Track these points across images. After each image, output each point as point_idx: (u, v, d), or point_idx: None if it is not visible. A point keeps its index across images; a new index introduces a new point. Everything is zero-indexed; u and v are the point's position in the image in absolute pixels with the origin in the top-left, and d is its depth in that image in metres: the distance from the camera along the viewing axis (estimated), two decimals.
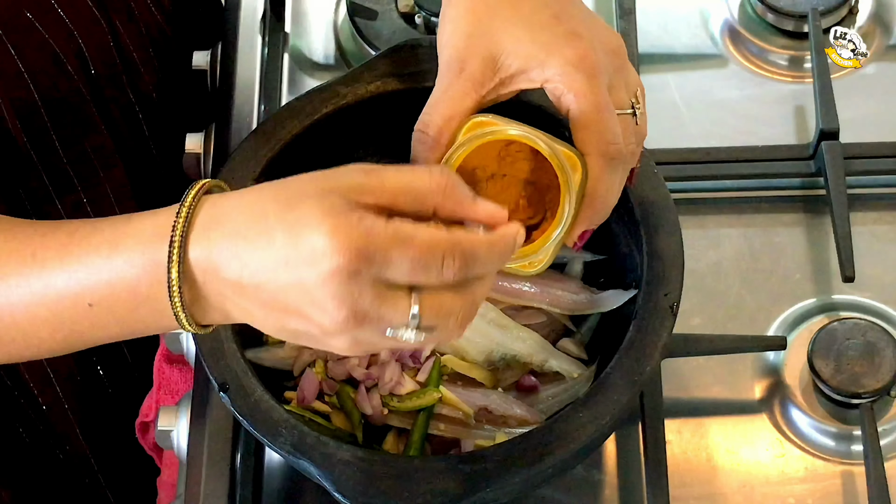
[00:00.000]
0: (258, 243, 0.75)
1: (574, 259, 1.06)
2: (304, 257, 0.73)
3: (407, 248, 0.74)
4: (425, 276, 0.74)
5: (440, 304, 0.75)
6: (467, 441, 0.99)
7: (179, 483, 1.07)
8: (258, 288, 0.76)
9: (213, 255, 0.76)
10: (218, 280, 0.77)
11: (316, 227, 0.73)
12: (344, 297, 0.74)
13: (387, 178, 0.76)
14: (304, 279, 0.74)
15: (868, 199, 1.15)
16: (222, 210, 0.77)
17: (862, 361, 1.04)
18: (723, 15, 1.27)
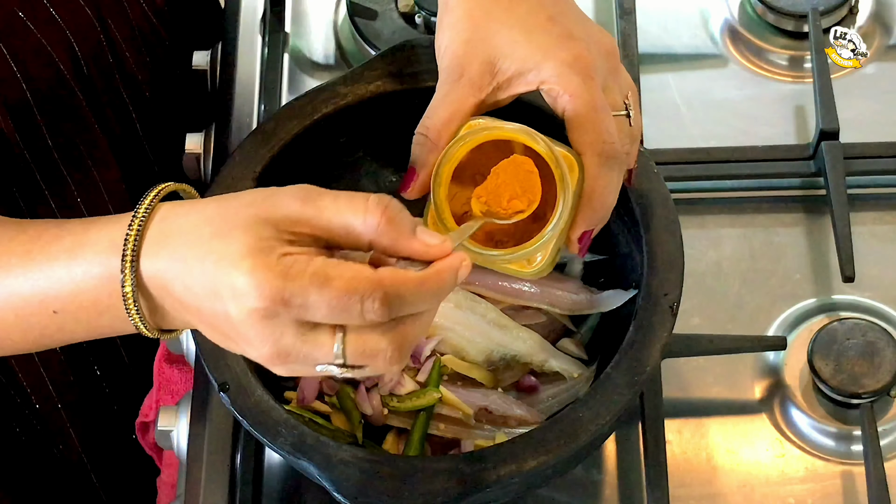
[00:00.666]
0: (195, 270, 0.75)
1: (574, 259, 1.06)
2: (227, 292, 0.74)
3: (325, 290, 0.72)
4: (346, 318, 0.73)
5: (364, 343, 0.74)
6: (467, 441, 0.99)
7: (179, 483, 1.07)
8: (198, 311, 0.76)
9: (161, 272, 0.77)
10: (168, 295, 0.77)
11: (237, 264, 0.73)
12: (265, 335, 0.74)
13: (323, 209, 0.75)
14: (230, 313, 0.74)
15: (868, 199, 1.15)
16: (171, 226, 0.78)
17: (862, 361, 1.04)
18: (723, 15, 1.27)
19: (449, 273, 0.76)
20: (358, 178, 1.08)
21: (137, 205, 0.78)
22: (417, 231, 0.76)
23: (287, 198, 0.75)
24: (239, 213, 0.75)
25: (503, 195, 0.88)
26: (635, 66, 1.19)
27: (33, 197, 1.09)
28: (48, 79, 1.06)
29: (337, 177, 1.07)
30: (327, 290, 0.72)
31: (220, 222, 0.75)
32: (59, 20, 1.05)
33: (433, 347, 1.01)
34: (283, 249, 0.74)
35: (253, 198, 0.77)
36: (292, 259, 0.73)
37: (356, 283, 0.73)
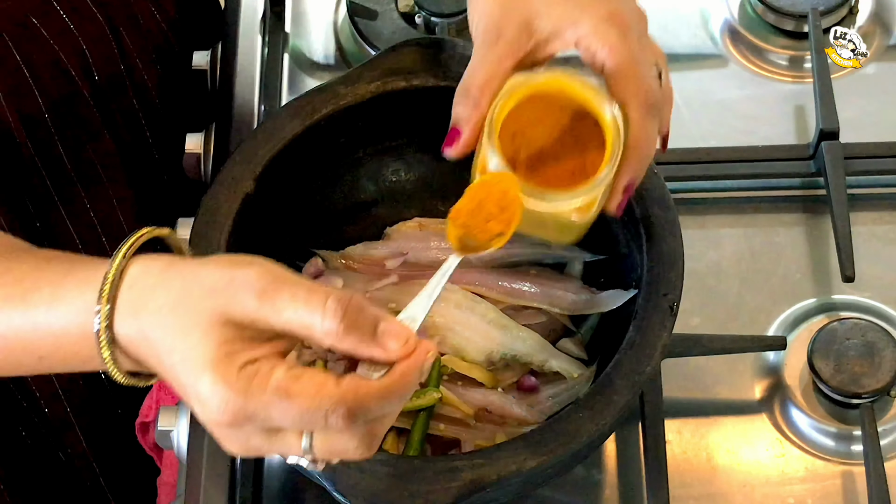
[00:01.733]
0: (162, 356, 0.75)
1: (574, 259, 1.06)
2: (191, 395, 0.74)
3: (288, 406, 0.72)
4: (311, 427, 0.73)
5: (331, 443, 0.74)
6: (467, 441, 0.99)
7: (179, 483, 1.07)
8: (172, 386, 0.76)
9: (134, 342, 0.77)
10: (144, 360, 0.77)
11: (199, 373, 0.73)
12: (232, 439, 0.75)
13: (281, 309, 0.73)
14: (199, 412, 0.74)
15: (868, 199, 1.15)
16: (137, 296, 0.77)
17: (862, 361, 1.04)
18: (723, 15, 1.27)
19: (414, 373, 0.75)
20: (358, 178, 1.08)
21: (112, 258, 0.78)
22: (379, 331, 0.74)
23: (245, 292, 0.73)
24: (199, 306, 0.74)
25: (480, 216, 0.86)
26: None
27: (45, 205, 1.10)
28: (60, 87, 1.06)
29: (337, 177, 1.07)
30: (290, 405, 0.72)
31: (182, 314, 0.74)
32: (72, 29, 1.05)
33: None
34: (245, 356, 0.73)
35: (213, 284, 0.74)
36: (254, 369, 0.72)
37: (319, 399, 0.72)
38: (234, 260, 0.76)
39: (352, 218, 1.09)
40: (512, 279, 1.04)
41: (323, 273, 1.06)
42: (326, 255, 1.07)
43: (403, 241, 1.07)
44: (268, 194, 1.01)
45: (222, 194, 0.99)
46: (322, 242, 1.07)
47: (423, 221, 1.08)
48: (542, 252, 1.07)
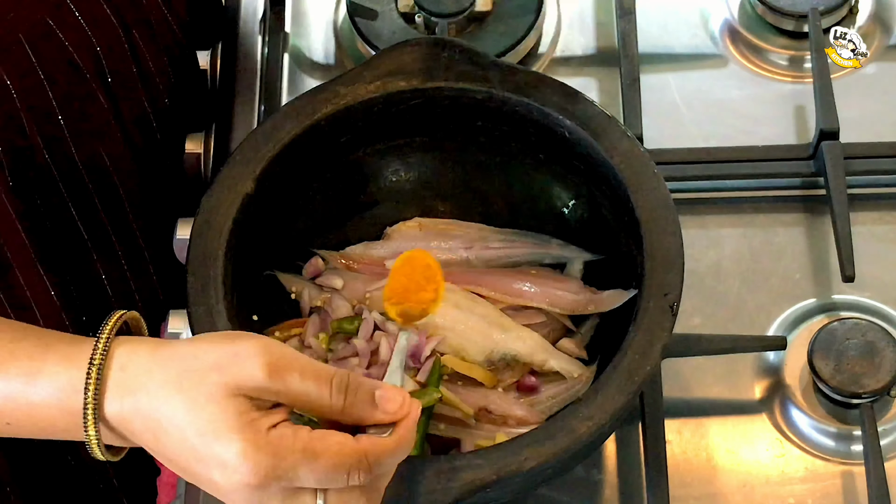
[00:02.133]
0: (170, 432, 0.78)
1: (574, 259, 1.06)
2: (214, 464, 0.77)
3: (315, 465, 0.77)
4: (332, 485, 0.78)
5: (346, 501, 0.79)
6: (467, 441, 0.99)
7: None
8: (171, 462, 0.79)
9: (126, 418, 0.79)
10: (134, 436, 0.80)
11: (226, 443, 0.76)
12: (252, 500, 0.77)
13: (291, 386, 0.78)
14: (215, 479, 0.77)
15: (868, 199, 1.15)
16: (131, 377, 0.79)
17: (862, 361, 1.04)
18: (723, 15, 1.27)
19: (414, 427, 0.81)
20: (358, 177, 1.08)
21: (94, 341, 0.80)
22: (377, 397, 0.80)
23: (252, 367, 0.77)
24: (205, 381, 0.77)
25: (410, 292, 0.94)
26: (635, 66, 1.19)
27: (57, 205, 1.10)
28: (74, 87, 1.06)
29: (337, 177, 1.07)
30: (316, 464, 0.77)
31: (189, 389, 0.77)
32: (85, 28, 1.06)
33: (433, 347, 1.01)
34: (266, 422, 0.77)
35: (216, 359, 0.78)
36: (279, 433, 0.77)
37: (342, 456, 0.77)
38: (229, 336, 0.81)
39: (352, 218, 1.09)
40: (512, 279, 1.04)
41: (323, 273, 1.06)
42: (326, 255, 1.07)
43: (403, 241, 1.07)
44: (268, 194, 1.01)
45: (222, 194, 0.99)
46: (322, 242, 1.07)
47: (423, 221, 1.08)
48: (542, 252, 1.07)
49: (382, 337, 1.01)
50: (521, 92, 1.02)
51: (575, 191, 1.07)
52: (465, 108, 1.04)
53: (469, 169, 1.09)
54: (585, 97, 1.02)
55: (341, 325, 1.02)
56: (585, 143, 1.01)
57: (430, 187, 1.09)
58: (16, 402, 0.81)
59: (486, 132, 1.06)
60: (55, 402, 0.80)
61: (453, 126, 1.06)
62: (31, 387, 0.80)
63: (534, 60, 1.25)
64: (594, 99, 1.03)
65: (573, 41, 1.27)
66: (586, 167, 1.03)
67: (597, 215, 1.05)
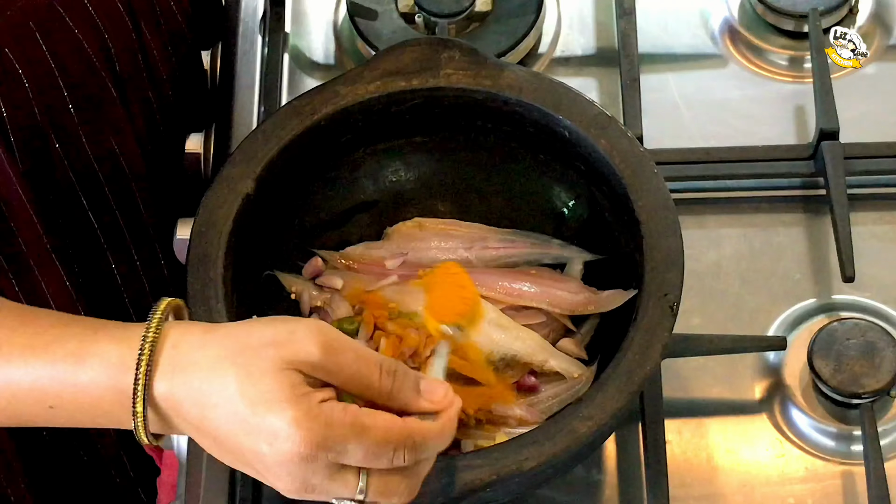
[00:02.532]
0: (220, 406, 0.78)
1: (574, 259, 1.06)
2: (264, 434, 0.77)
3: (363, 438, 0.78)
4: (377, 463, 0.79)
5: (386, 484, 0.80)
6: (467, 441, 0.98)
7: (179, 483, 1.06)
8: (216, 439, 0.80)
9: (175, 396, 0.80)
10: (180, 417, 0.80)
11: (279, 412, 0.77)
12: (297, 474, 0.78)
13: (343, 367, 0.80)
14: (262, 451, 0.78)
15: (868, 199, 1.15)
16: (185, 357, 0.80)
17: (862, 361, 1.04)
18: (723, 15, 1.27)
19: (455, 420, 0.83)
20: (358, 177, 1.08)
21: (147, 323, 0.81)
22: (422, 388, 0.82)
23: (308, 344, 0.79)
24: (261, 355, 0.79)
25: (448, 304, 0.99)
26: (635, 66, 1.19)
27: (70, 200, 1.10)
28: (85, 78, 1.07)
29: (337, 177, 1.07)
30: (365, 438, 0.78)
31: (244, 364, 0.78)
32: (94, 17, 1.06)
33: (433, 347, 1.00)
34: (319, 396, 0.78)
35: (273, 335, 0.80)
36: (330, 406, 0.78)
37: (390, 433, 0.79)
38: (283, 318, 0.83)
39: (352, 218, 1.09)
40: (512, 279, 1.04)
41: (323, 273, 1.06)
42: (326, 255, 1.07)
43: (403, 241, 1.07)
44: (268, 194, 1.01)
45: (222, 194, 0.99)
46: (322, 242, 1.07)
47: (423, 221, 1.08)
48: (542, 252, 1.07)
49: (382, 337, 1.01)
50: (521, 92, 1.02)
51: (575, 191, 1.07)
52: (465, 108, 1.04)
53: (469, 169, 1.09)
54: (585, 97, 1.02)
55: (341, 325, 1.02)
56: (585, 143, 1.01)
57: (430, 187, 1.09)
58: (62, 383, 0.81)
59: (486, 132, 1.06)
60: (104, 379, 0.80)
61: (453, 126, 1.06)
62: (80, 367, 0.81)
63: (534, 60, 1.25)
64: (594, 99, 1.03)
65: (573, 41, 1.27)
66: (586, 167, 1.03)
67: (597, 215, 1.05)
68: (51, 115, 1.05)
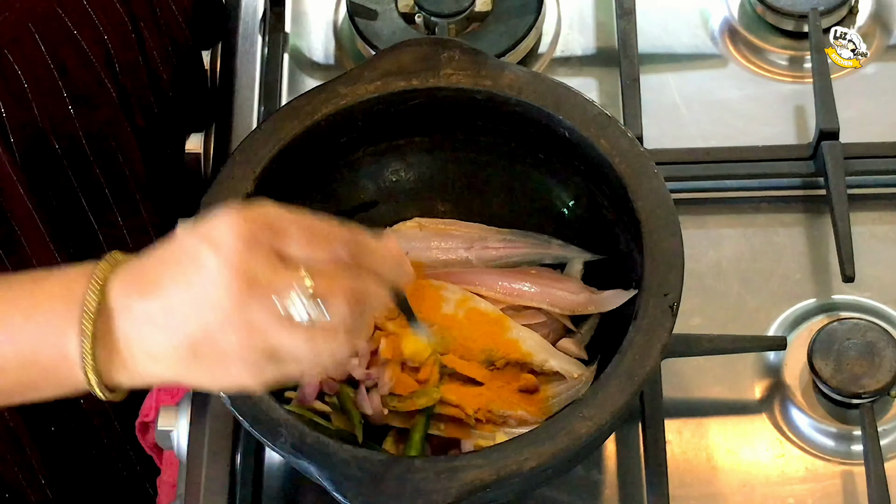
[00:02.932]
0: (152, 258, 0.78)
1: (574, 259, 1.06)
2: (204, 244, 0.75)
3: (304, 227, 0.77)
4: (318, 252, 0.76)
5: (331, 277, 0.76)
6: (467, 441, 0.99)
7: (179, 483, 1.07)
8: (154, 294, 0.77)
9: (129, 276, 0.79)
10: (132, 313, 0.78)
11: (214, 216, 0.76)
12: (239, 266, 0.75)
13: (303, 215, 0.79)
14: (204, 264, 0.75)
15: (868, 199, 1.15)
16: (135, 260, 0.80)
17: (862, 361, 1.04)
18: (723, 15, 1.27)
19: (398, 255, 0.82)
20: (358, 177, 1.08)
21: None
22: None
23: (265, 204, 0.79)
24: (220, 213, 0.78)
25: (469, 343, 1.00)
26: (635, 66, 1.19)
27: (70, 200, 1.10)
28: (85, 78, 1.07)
29: (337, 177, 1.07)
30: (304, 223, 0.77)
31: (202, 220, 0.78)
32: (94, 18, 1.06)
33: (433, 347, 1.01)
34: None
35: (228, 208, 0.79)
36: (272, 206, 0.78)
37: (331, 226, 0.78)
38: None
39: (352, 218, 1.09)
40: (512, 279, 1.04)
41: None
42: None
43: (403, 241, 1.07)
44: (268, 194, 1.00)
45: (222, 194, 0.99)
46: None
47: (422, 221, 1.08)
48: (542, 252, 1.07)
49: (382, 337, 1.01)
50: (521, 92, 1.02)
51: (575, 191, 1.07)
52: (465, 108, 1.04)
53: (469, 169, 1.09)
54: (585, 97, 1.02)
55: None
56: (585, 143, 1.01)
57: (430, 187, 1.09)
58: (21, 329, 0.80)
59: (486, 132, 1.06)
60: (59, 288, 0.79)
61: (453, 126, 1.06)
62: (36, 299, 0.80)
63: (534, 60, 1.25)
64: (594, 99, 1.03)
65: (573, 41, 1.27)
66: (586, 167, 1.03)
67: (597, 215, 1.05)
68: (50, 116, 1.05)
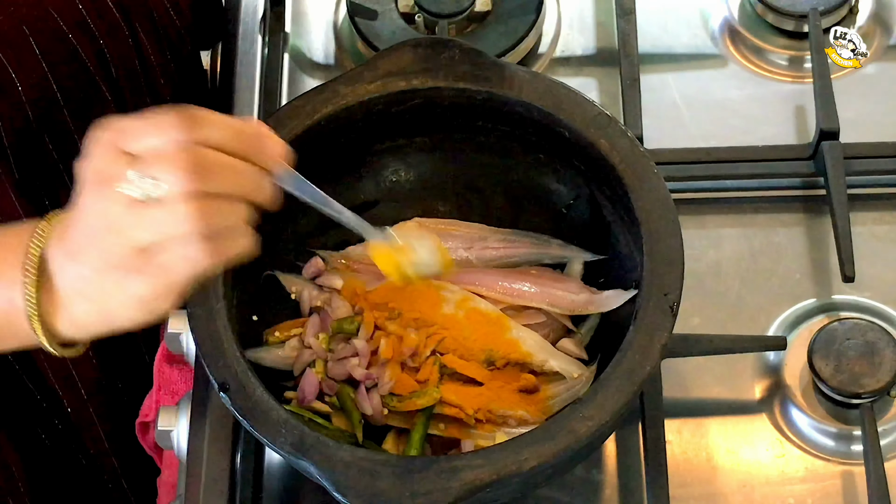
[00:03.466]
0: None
1: (574, 259, 1.06)
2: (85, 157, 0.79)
3: (145, 123, 0.78)
4: (153, 138, 0.78)
5: (164, 154, 0.77)
6: (467, 441, 0.99)
7: (179, 483, 1.07)
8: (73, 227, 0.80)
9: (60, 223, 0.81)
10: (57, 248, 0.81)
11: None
12: (89, 168, 0.79)
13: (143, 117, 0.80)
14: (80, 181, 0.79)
15: (868, 199, 1.15)
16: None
17: (862, 361, 1.04)
18: (723, 15, 1.27)
19: (255, 127, 0.82)
20: (358, 178, 1.08)
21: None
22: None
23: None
24: None
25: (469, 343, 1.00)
26: (635, 66, 1.19)
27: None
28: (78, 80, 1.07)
29: (337, 177, 1.07)
30: (148, 121, 0.78)
31: None
32: (88, 21, 1.06)
33: (433, 347, 1.01)
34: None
35: None
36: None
37: (171, 115, 0.79)
38: None
39: None
40: (512, 279, 1.04)
41: (323, 273, 1.06)
42: (326, 255, 1.07)
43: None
44: None
45: None
46: (322, 242, 1.07)
47: (423, 221, 1.08)
48: (542, 252, 1.07)
49: (382, 337, 1.01)
50: (522, 92, 1.02)
51: (575, 191, 1.07)
52: (465, 108, 1.04)
53: (469, 169, 1.09)
54: (585, 97, 1.02)
55: (341, 325, 1.02)
56: (585, 143, 1.01)
57: (430, 187, 1.09)
58: None
59: (486, 132, 1.06)
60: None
61: (453, 126, 1.06)
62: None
63: (534, 60, 1.25)
64: (594, 99, 1.03)
65: (573, 41, 1.27)
66: (586, 167, 1.03)
67: (597, 215, 1.05)
68: (45, 120, 1.05)
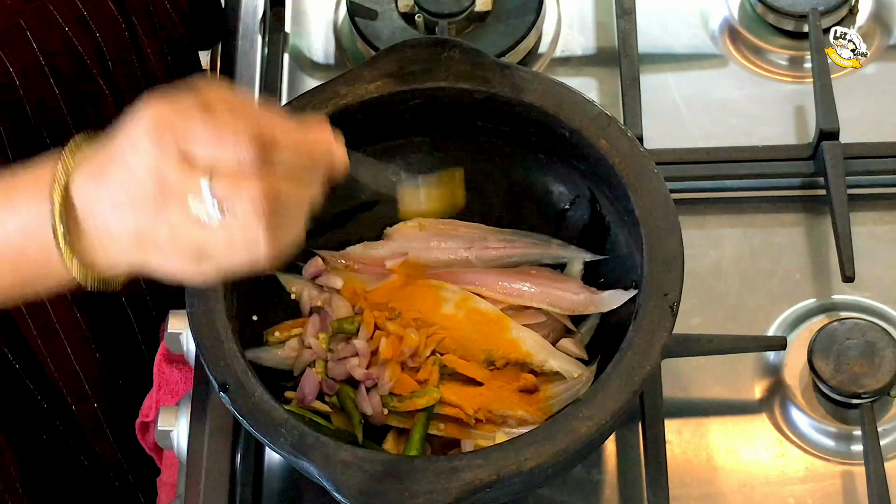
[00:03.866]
0: (108, 149, 0.78)
1: (574, 259, 1.06)
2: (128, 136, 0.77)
3: (212, 125, 0.75)
4: (224, 151, 0.75)
5: (234, 178, 0.75)
6: (467, 441, 0.99)
7: (179, 483, 1.07)
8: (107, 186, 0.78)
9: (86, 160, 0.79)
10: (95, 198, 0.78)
11: (141, 107, 0.77)
12: (150, 166, 0.75)
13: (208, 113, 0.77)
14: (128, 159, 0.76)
15: (868, 199, 1.15)
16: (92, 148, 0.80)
17: (862, 361, 1.04)
18: (723, 15, 1.27)
19: (325, 142, 0.80)
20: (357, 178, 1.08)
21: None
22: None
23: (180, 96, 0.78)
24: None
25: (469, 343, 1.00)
26: (635, 66, 1.19)
27: None
28: (76, 73, 1.07)
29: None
30: (215, 123, 0.75)
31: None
32: (86, 17, 1.06)
33: (433, 348, 1.01)
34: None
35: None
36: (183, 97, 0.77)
37: (243, 122, 0.75)
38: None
39: (352, 218, 1.09)
40: (512, 279, 1.04)
41: (323, 273, 1.06)
42: (326, 255, 1.07)
43: (403, 241, 1.07)
44: None
45: None
46: (322, 242, 1.07)
47: (423, 221, 1.08)
48: (542, 252, 1.07)
49: (382, 337, 1.01)
50: (522, 92, 1.02)
51: (575, 191, 1.07)
52: (465, 108, 1.04)
53: (469, 169, 1.09)
54: (585, 97, 1.02)
55: (341, 325, 1.02)
56: (585, 143, 1.01)
57: None
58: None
59: (486, 132, 1.06)
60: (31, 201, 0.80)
61: (453, 126, 1.06)
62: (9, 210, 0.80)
63: (534, 60, 1.25)
64: (594, 99, 1.03)
65: (573, 41, 1.27)
66: (586, 167, 1.03)
67: (597, 215, 1.05)
68: (43, 115, 1.05)
